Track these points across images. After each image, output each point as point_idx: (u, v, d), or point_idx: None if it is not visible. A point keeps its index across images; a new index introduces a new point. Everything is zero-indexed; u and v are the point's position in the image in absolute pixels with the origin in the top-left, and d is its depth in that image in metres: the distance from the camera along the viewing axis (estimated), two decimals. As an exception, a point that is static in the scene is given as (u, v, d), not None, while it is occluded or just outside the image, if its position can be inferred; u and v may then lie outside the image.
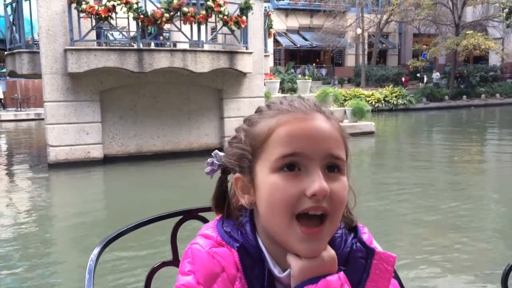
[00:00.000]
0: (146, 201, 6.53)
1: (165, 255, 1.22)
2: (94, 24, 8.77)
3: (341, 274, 0.75)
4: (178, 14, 8.98)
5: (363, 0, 34.76)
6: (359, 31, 34.33)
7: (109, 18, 8.67)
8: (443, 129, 18.19)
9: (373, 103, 24.67)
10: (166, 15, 8.85)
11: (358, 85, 31.79)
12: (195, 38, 9.31)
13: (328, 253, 0.76)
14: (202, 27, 9.33)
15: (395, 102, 26.20)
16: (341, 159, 0.76)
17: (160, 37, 10.93)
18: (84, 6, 8.40)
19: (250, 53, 10.13)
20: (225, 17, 9.34)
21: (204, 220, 1.15)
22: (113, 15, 8.67)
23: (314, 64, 37.04)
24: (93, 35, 9.12)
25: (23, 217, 6.20)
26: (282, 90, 21.32)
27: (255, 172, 0.78)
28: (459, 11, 29.54)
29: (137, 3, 8.72)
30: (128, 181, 8.45)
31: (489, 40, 28.05)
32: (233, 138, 0.84)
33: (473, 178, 8.45)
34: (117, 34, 11.02)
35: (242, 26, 9.71)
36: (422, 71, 33.62)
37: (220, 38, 10.18)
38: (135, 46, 9.02)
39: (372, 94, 25.85)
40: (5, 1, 10.14)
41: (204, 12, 9.10)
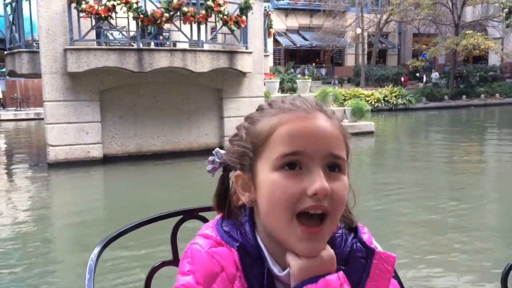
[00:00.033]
0: (146, 201, 6.52)
1: (165, 254, 1.22)
2: (94, 23, 8.77)
3: (341, 273, 0.76)
4: (178, 13, 8.98)
5: (363, 0, 34.77)
6: (358, 31, 34.33)
7: (109, 17, 8.67)
8: (443, 129, 18.17)
9: (373, 103, 24.66)
10: (166, 14, 8.86)
11: (357, 85, 31.77)
12: (195, 38, 9.31)
13: (327, 252, 0.77)
14: (202, 26, 9.32)
15: (394, 102, 26.19)
16: (342, 158, 0.76)
17: (160, 37, 10.92)
18: (84, 6, 8.40)
19: (250, 53, 10.12)
20: (225, 17, 9.34)
21: (204, 220, 1.15)
22: (113, 14, 8.67)
23: (313, 64, 37.00)
24: (93, 34, 9.13)
25: (23, 217, 6.21)
26: (281, 90, 21.35)
27: (256, 170, 0.78)
28: (458, 11, 29.54)
29: (137, 3, 8.71)
30: (128, 181, 8.45)
31: (488, 40, 28.05)
32: (234, 135, 0.83)
33: (473, 178, 8.45)
34: (117, 34, 11.01)
35: (242, 26, 9.71)
36: (422, 71, 33.62)
37: (220, 37, 10.19)
38: (135, 46, 9.02)
39: (372, 94, 25.83)
40: (5, 0, 10.13)
41: (204, 11, 9.10)
